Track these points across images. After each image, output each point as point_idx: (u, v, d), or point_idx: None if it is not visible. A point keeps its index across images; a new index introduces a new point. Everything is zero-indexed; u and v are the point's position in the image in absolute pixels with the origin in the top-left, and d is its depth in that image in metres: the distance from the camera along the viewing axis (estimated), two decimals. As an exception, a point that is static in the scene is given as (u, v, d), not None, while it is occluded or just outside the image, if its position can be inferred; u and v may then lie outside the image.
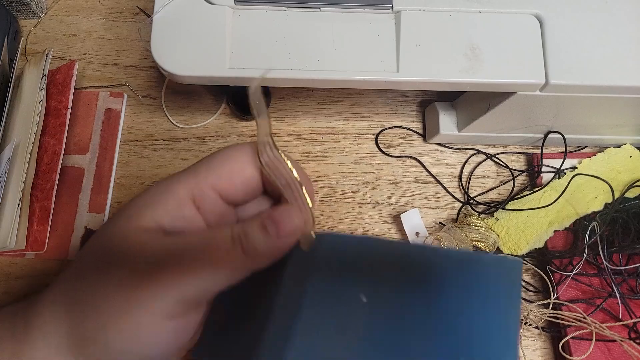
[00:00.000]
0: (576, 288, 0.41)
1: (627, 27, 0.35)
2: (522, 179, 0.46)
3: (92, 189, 0.45)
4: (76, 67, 0.45)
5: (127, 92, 0.48)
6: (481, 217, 0.43)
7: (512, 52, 0.34)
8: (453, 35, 0.34)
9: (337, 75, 0.34)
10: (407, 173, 0.46)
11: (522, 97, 0.36)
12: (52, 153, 0.43)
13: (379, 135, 0.47)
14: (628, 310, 0.39)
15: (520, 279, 0.29)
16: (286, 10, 0.34)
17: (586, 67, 0.34)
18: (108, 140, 0.46)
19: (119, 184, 0.46)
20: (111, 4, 0.51)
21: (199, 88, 0.48)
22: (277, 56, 0.34)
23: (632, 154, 0.44)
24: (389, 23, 0.35)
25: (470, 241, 0.41)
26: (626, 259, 0.41)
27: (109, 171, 0.45)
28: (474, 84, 0.34)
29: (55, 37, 0.50)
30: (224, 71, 0.33)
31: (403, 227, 0.44)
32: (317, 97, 0.49)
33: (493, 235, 0.41)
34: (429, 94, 0.49)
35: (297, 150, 0.47)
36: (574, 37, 0.35)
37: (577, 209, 0.41)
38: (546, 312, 0.39)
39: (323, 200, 0.45)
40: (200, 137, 0.47)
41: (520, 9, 0.35)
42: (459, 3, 0.35)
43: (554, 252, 0.42)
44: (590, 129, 0.43)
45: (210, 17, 0.34)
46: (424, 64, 0.34)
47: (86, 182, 0.45)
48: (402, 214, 0.43)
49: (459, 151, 0.47)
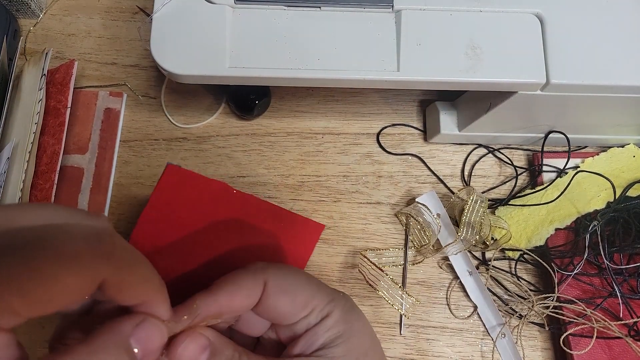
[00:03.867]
0: (577, 287, 0.41)
1: (628, 26, 0.35)
2: (523, 178, 0.46)
3: (91, 188, 0.45)
4: (75, 67, 0.45)
5: (127, 92, 0.48)
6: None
7: (512, 51, 0.34)
8: (454, 34, 0.34)
9: (338, 75, 0.34)
10: (408, 173, 0.46)
11: (523, 97, 0.36)
12: (51, 153, 0.43)
13: (380, 134, 0.47)
14: (629, 309, 0.39)
15: None
16: (286, 9, 0.34)
17: (587, 67, 0.34)
18: (107, 140, 0.46)
19: (118, 184, 0.45)
20: (110, 3, 0.51)
21: (198, 87, 0.48)
22: (277, 55, 0.34)
23: (635, 153, 0.44)
24: (390, 22, 0.35)
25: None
26: (627, 258, 0.41)
27: (108, 171, 0.45)
28: (474, 84, 0.34)
29: (54, 36, 0.50)
30: (223, 70, 0.33)
31: (411, 220, 0.44)
32: (317, 97, 0.48)
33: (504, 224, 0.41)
34: (430, 93, 0.49)
35: (297, 150, 0.47)
36: (575, 36, 0.34)
37: (579, 207, 0.41)
38: (550, 304, 0.39)
39: (323, 200, 0.45)
40: (200, 137, 0.47)
41: (521, 8, 0.35)
42: (459, 2, 0.35)
43: (555, 252, 0.41)
44: (592, 129, 0.43)
45: (210, 16, 0.34)
46: (424, 63, 0.34)
47: (85, 182, 0.45)
48: (417, 197, 0.43)
49: (460, 151, 0.47)
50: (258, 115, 0.47)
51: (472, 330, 0.42)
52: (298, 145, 0.47)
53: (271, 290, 0.26)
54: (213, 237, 0.35)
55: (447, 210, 0.43)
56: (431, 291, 0.43)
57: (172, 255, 0.34)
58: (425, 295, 0.43)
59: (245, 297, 0.26)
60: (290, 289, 0.26)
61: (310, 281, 0.27)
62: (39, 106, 0.43)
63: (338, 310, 0.26)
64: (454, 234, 0.42)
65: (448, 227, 0.43)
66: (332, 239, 0.44)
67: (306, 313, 0.26)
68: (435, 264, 0.44)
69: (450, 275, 0.43)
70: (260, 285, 0.26)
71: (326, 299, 0.27)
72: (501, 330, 0.41)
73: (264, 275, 0.26)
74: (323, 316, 0.26)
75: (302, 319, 0.26)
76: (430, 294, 0.43)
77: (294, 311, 0.26)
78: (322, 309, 0.26)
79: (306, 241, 0.37)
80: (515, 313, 0.41)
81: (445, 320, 0.42)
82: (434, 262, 0.44)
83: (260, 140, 0.47)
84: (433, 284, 0.43)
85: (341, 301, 0.27)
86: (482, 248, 0.43)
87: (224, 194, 0.36)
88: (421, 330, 0.42)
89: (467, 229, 0.41)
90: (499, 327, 0.41)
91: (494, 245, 0.42)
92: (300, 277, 0.27)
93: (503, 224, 0.41)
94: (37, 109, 0.43)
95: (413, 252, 0.44)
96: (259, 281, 0.26)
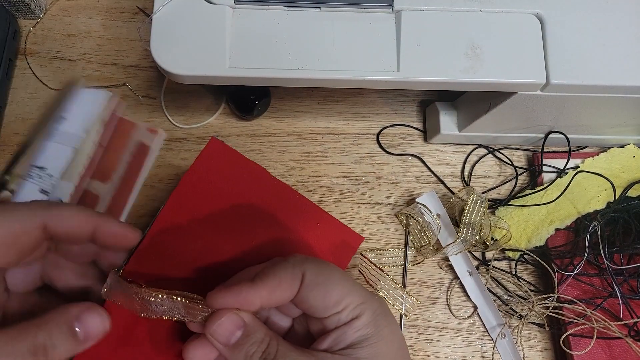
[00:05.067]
0: (577, 288, 0.41)
1: (628, 27, 0.35)
2: (523, 178, 0.46)
3: None
4: (136, 130, 0.44)
5: (127, 92, 0.48)
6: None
7: (512, 51, 0.34)
8: (454, 34, 0.34)
9: (338, 75, 0.34)
10: (408, 173, 0.46)
11: (522, 97, 0.36)
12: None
13: (380, 135, 0.47)
14: (629, 309, 0.39)
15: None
16: (286, 9, 0.34)
17: (587, 67, 0.34)
18: (132, 174, 0.44)
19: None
20: (110, 4, 0.51)
21: (198, 88, 0.48)
22: (277, 56, 0.34)
23: (635, 153, 0.44)
24: (390, 22, 0.35)
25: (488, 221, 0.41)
26: (627, 259, 0.41)
27: (121, 206, 0.43)
28: (474, 84, 0.34)
29: (54, 36, 0.50)
30: (223, 71, 0.33)
31: (412, 219, 0.44)
32: (317, 97, 0.48)
33: (505, 225, 0.41)
34: (430, 94, 0.49)
35: (297, 151, 0.47)
36: (575, 36, 0.34)
37: (579, 208, 0.41)
38: (550, 304, 0.39)
39: (323, 201, 0.45)
40: (200, 137, 0.47)
41: (521, 8, 0.35)
42: (459, 2, 0.35)
43: (555, 252, 0.41)
44: (592, 129, 0.43)
45: (210, 17, 0.34)
46: (424, 63, 0.34)
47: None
48: (417, 197, 0.43)
49: (460, 151, 0.47)
50: (258, 116, 0.47)
51: (472, 331, 0.42)
52: (298, 145, 0.47)
53: (307, 282, 0.27)
54: (246, 219, 0.34)
55: (447, 210, 0.43)
56: (431, 291, 0.43)
57: (205, 228, 0.33)
58: (425, 296, 0.43)
59: (285, 290, 0.26)
60: (324, 284, 0.27)
61: (346, 279, 0.28)
62: (93, 148, 0.41)
63: (369, 312, 0.27)
64: (454, 234, 0.42)
65: (448, 228, 0.43)
66: (332, 239, 0.44)
67: (338, 310, 0.27)
68: (435, 264, 0.44)
69: (450, 275, 0.43)
70: (298, 279, 0.27)
71: (359, 300, 0.27)
72: (501, 330, 0.41)
73: (302, 268, 0.27)
74: (354, 316, 0.27)
75: (333, 315, 0.27)
76: (430, 294, 0.43)
77: (325, 306, 0.27)
78: (353, 309, 0.27)
79: (343, 250, 0.35)
80: (515, 313, 0.41)
81: (445, 321, 0.42)
82: (434, 262, 0.44)
83: (260, 140, 0.47)
84: (433, 284, 0.43)
85: (374, 304, 0.27)
86: (482, 248, 0.43)
87: (262, 177, 0.35)
88: (421, 331, 0.42)
89: (467, 229, 0.41)
90: (499, 327, 0.41)
91: (494, 245, 0.42)
92: (336, 274, 0.28)
93: (503, 224, 0.41)
94: (91, 152, 0.41)
95: (413, 253, 0.44)
96: (298, 274, 0.27)
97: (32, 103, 0.47)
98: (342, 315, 0.27)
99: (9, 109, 0.47)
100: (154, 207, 0.44)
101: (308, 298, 0.27)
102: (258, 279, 0.26)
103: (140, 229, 0.29)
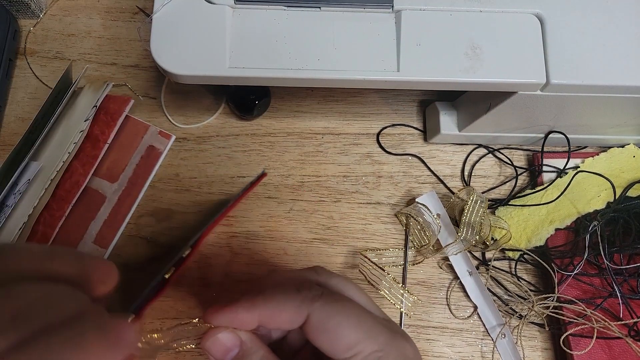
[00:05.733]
0: (577, 288, 0.41)
1: (628, 27, 0.35)
2: (523, 178, 0.46)
3: (105, 220, 0.43)
4: (130, 105, 0.44)
5: (127, 92, 0.48)
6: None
7: (512, 51, 0.34)
8: (454, 34, 0.34)
9: (338, 75, 0.34)
10: (408, 173, 0.46)
11: (522, 97, 0.36)
12: (74, 182, 0.42)
13: (380, 135, 0.47)
14: (629, 309, 0.39)
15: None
16: (286, 9, 0.34)
17: (587, 67, 0.34)
18: (139, 177, 0.44)
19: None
20: (110, 4, 0.51)
21: (198, 88, 0.48)
22: (277, 56, 0.34)
23: (635, 153, 0.44)
24: (390, 22, 0.35)
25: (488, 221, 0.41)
26: (627, 258, 0.41)
27: (127, 208, 0.43)
28: (474, 84, 0.34)
29: (54, 36, 0.50)
30: (223, 71, 0.33)
31: (412, 219, 0.44)
32: (317, 97, 0.48)
33: (505, 225, 0.41)
34: (430, 94, 0.49)
35: (297, 151, 0.47)
36: (575, 36, 0.34)
37: (579, 207, 0.41)
38: (550, 304, 0.39)
39: (323, 201, 0.45)
40: (200, 137, 0.47)
41: (521, 8, 0.35)
42: (459, 2, 0.35)
43: (555, 252, 0.41)
44: (592, 129, 0.43)
45: (210, 17, 0.34)
46: (424, 63, 0.34)
47: (103, 211, 0.43)
48: (417, 197, 0.43)
49: (460, 151, 0.47)
50: (258, 116, 0.47)
51: (472, 331, 0.42)
52: (298, 145, 0.47)
53: (313, 325, 0.24)
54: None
55: (447, 210, 0.43)
56: (431, 291, 0.43)
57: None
58: (425, 296, 0.43)
59: (285, 322, 0.25)
60: (333, 331, 0.24)
61: (363, 322, 0.25)
62: (79, 136, 0.41)
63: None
64: (454, 234, 0.42)
65: (448, 228, 0.43)
66: (332, 239, 0.44)
67: (348, 356, 0.24)
68: (435, 264, 0.44)
69: (450, 275, 0.43)
70: (302, 317, 0.24)
71: (375, 347, 0.24)
72: (501, 330, 0.41)
73: (309, 309, 0.25)
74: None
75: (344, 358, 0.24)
76: (430, 294, 0.43)
77: (334, 352, 0.24)
78: (367, 356, 0.24)
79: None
80: (515, 313, 0.41)
81: (445, 321, 0.42)
82: (434, 262, 0.44)
83: (260, 140, 0.47)
84: (433, 284, 0.43)
85: (394, 352, 0.24)
86: (482, 248, 0.43)
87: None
88: (421, 331, 0.42)
89: (467, 229, 0.41)
90: (499, 327, 0.41)
91: (494, 245, 0.42)
92: (351, 318, 0.25)
93: (503, 224, 0.41)
94: (75, 139, 0.41)
95: (413, 253, 0.44)
96: (303, 313, 0.24)
97: (32, 103, 0.47)
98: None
99: (8, 109, 0.47)
100: (153, 207, 0.44)
101: (314, 340, 0.25)
102: (261, 299, 0.25)
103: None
